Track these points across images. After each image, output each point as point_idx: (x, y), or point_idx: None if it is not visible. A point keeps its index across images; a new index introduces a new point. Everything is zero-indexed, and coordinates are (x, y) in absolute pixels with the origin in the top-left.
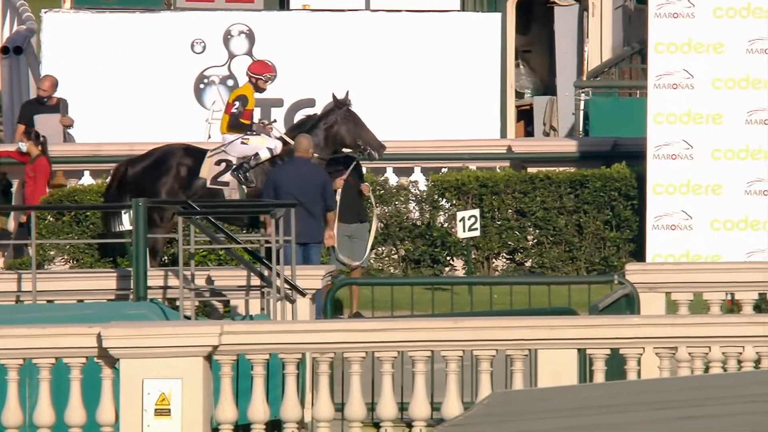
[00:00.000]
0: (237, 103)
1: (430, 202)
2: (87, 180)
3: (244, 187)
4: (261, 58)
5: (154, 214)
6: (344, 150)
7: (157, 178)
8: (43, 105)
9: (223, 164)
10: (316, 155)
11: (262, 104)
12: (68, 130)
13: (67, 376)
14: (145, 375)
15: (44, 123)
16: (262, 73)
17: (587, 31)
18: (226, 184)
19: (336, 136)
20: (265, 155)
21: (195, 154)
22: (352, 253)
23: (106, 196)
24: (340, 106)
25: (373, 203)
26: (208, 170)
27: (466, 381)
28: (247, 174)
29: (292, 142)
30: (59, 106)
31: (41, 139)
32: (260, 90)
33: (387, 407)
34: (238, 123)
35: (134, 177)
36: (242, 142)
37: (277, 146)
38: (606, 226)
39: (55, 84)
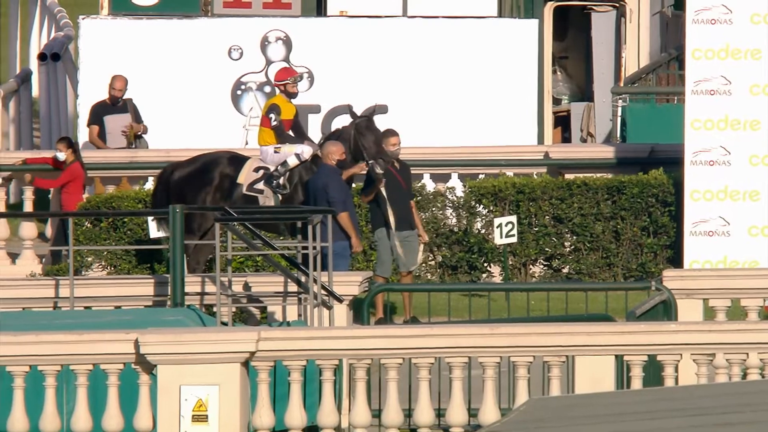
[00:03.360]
0: (272, 115)
1: (467, 208)
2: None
3: (278, 195)
4: (283, 67)
5: (193, 222)
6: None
7: (200, 188)
8: (110, 106)
9: (261, 171)
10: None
11: (299, 111)
12: (142, 135)
13: (104, 383)
14: (182, 381)
15: (113, 124)
16: (286, 78)
17: (624, 38)
18: (261, 191)
19: (350, 147)
20: (293, 162)
21: (239, 163)
22: (405, 259)
23: (152, 200)
24: (354, 117)
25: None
26: (245, 177)
27: (503, 387)
28: (279, 182)
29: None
30: (126, 107)
31: (74, 145)
32: (291, 95)
33: (424, 413)
34: (284, 134)
35: (179, 183)
36: (275, 151)
37: (305, 151)
38: (643, 233)
39: (126, 83)
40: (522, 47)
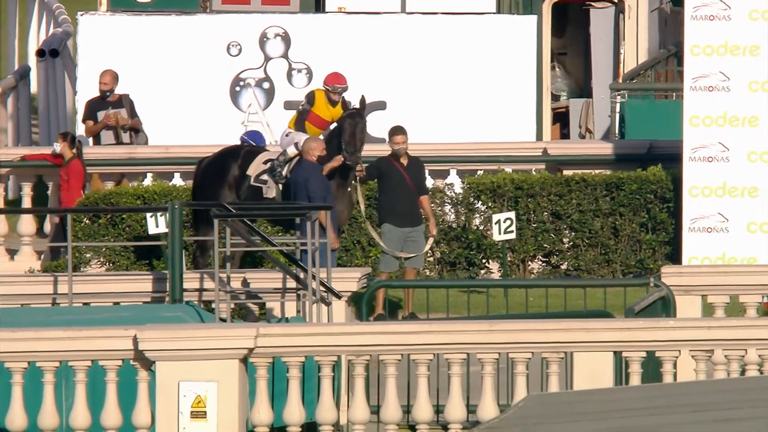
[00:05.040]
0: (304, 101)
1: (465, 204)
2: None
3: (279, 185)
4: (336, 71)
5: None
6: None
7: (216, 180)
8: (105, 101)
9: (269, 163)
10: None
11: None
12: (140, 130)
13: (103, 379)
14: (181, 377)
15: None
16: (331, 83)
17: (623, 34)
18: (265, 182)
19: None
20: (292, 152)
21: (253, 155)
22: (409, 253)
23: (192, 195)
24: (345, 109)
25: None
26: (254, 168)
27: (501, 383)
28: (280, 171)
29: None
30: (121, 102)
31: (76, 142)
32: (332, 102)
33: (422, 410)
34: (301, 123)
35: (201, 176)
36: (287, 134)
37: (301, 142)
38: (642, 229)
39: (115, 77)
40: (521, 43)
